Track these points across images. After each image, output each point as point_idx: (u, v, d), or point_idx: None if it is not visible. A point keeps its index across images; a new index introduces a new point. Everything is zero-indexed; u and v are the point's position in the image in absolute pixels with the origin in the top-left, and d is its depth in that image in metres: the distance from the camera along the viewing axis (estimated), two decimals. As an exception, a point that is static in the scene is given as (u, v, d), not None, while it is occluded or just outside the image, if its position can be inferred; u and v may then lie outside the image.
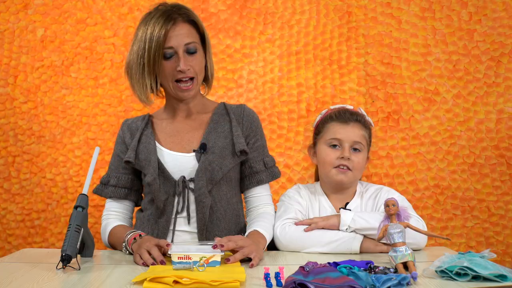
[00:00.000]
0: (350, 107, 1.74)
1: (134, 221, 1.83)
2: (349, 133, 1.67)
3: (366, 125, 1.70)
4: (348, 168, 1.66)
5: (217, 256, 1.36)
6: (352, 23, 2.43)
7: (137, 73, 1.65)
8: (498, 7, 2.40)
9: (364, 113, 1.73)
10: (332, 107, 1.77)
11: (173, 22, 1.62)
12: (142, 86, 1.66)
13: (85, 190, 1.47)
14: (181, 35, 1.63)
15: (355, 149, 1.67)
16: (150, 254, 1.42)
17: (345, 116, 1.69)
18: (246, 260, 1.44)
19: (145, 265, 1.42)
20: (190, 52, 1.64)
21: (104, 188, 1.75)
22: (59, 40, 2.43)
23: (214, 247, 1.40)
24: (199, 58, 1.67)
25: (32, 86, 2.43)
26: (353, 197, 1.71)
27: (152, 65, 1.62)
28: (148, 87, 1.66)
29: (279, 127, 2.42)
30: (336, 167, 1.67)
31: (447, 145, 2.40)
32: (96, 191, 1.76)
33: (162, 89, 1.74)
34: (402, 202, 1.63)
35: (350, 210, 1.62)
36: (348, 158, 1.65)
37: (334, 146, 1.68)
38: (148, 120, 1.76)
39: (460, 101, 2.40)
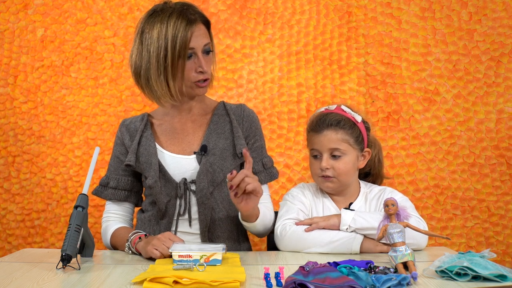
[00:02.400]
0: (332, 107, 1.70)
1: (134, 221, 1.83)
2: (323, 142, 1.65)
3: (345, 126, 1.65)
4: (332, 176, 1.65)
5: (218, 254, 1.36)
6: (352, 23, 2.43)
7: (159, 75, 1.60)
8: (498, 7, 2.40)
9: (347, 111, 1.68)
10: (318, 110, 1.75)
11: (195, 23, 1.60)
12: (162, 88, 1.62)
13: (85, 190, 1.47)
14: (200, 36, 1.62)
15: (334, 156, 1.65)
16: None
17: (317, 125, 1.67)
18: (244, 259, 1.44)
19: (162, 257, 1.44)
20: (207, 52, 1.64)
21: (104, 190, 1.74)
22: (59, 40, 2.43)
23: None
24: (212, 58, 1.68)
25: (32, 86, 2.43)
26: (357, 197, 1.70)
27: (176, 67, 1.59)
28: (172, 89, 1.62)
29: (279, 127, 2.42)
30: (320, 176, 1.67)
31: (447, 145, 2.40)
32: (96, 193, 1.75)
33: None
34: (405, 202, 1.62)
35: (353, 210, 1.62)
36: (327, 168, 1.64)
37: (315, 156, 1.68)
38: (147, 121, 1.75)
39: (460, 101, 2.40)
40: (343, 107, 1.69)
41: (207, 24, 1.67)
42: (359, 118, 1.68)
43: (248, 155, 1.47)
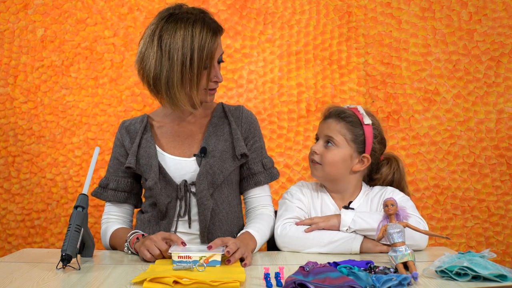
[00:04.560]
0: (352, 106, 1.71)
1: (134, 222, 1.83)
2: (324, 128, 1.68)
3: (348, 120, 1.66)
4: (318, 163, 1.67)
5: (217, 255, 1.36)
6: (352, 23, 2.43)
7: (184, 84, 1.58)
8: (498, 7, 2.40)
9: (360, 111, 1.69)
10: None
11: (219, 34, 1.60)
12: (185, 96, 1.60)
13: (85, 190, 1.47)
14: (218, 45, 1.62)
15: (328, 145, 1.67)
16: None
17: (326, 113, 1.71)
18: (241, 260, 1.44)
19: (152, 260, 1.44)
20: (220, 62, 1.65)
21: (103, 192, 1.74)
22: (59, 40, 2.43)
23: (209, 247, 1.41)
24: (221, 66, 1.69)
25: (32, 86, 2.43)
26: (357, 196, 1.70)
27: (200, 76, 1.58)
28: (195, 98, 1.60)
29: (279, 127, 2.42)
30: (310, 161, 1.70)
31: (447, 145, 2.40)
32: (95, 194, 1.75)
33: None
34: (406, 202, 1.62)
35: (353, 209, 1.62)
36: (315, 152, 1.67)
37: (317, 141, 1.71)
38: (147, 123, 1.75)
39: (460, 101, 2.40)
40: (359, 107, 1.70)
41: (221, 33, 1.67)
42: (367, 121, 1.67)
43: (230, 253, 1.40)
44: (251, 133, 1.75)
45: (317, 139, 1.71)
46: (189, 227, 1.66)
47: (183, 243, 1.44)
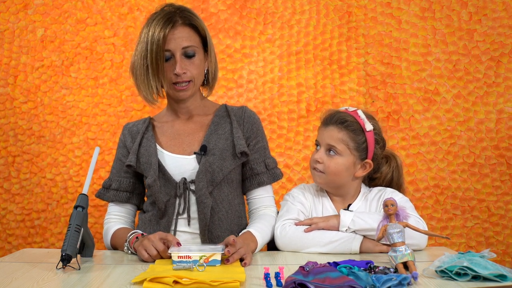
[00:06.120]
0: (352, 109, 1.69)
1: (136, 223, 1.83)
2: (325, 136, 1.66)
3: (350, 128, 1.64)
4: (321, 171, 1.65)
5: (217, 254, 1.36)
6: (352, 23, 2.43)
7: (142, 74, 1.66)
8: (498, 7, 2.40)
9: (361, 116, 1.66)
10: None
11: (172, 25, 1.63)
12: (148, 87, 1.67)
13: (85, 190, 1.47)
14: (179, 39, 1.64)
15: (330, 153, 1.65)
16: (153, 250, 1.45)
17: (326, 119, 1.68)
18: (241, 260, 1.44)
19: (150, 260, 1.44)
20: (188, 56, 1.65)
21: (106, 192, 1.75)
22: (59, 40, 2.43)
23: (233, 241, 1.41)
24: (198, 61, 1.67)
25: (32, 86, 2.43)
26: (356, 199, 1.70)
27: (155, 67, 1.63)
28: (154, 88, 1.67)
29: (279, 127, 2.42)
30: (313, 168, 1.68)
31: (447, 145, 2.40)
32: (98, 195, 1.76)
33: (163, 90, 1.74)
34: (405, 203, 1.62)
35: (352, 211, 1.62)
36: (318, 161, 1.65)
37: (317, 147, 1.69)
38: (149, 123, 1.76)
39: (460, 101, 2.40)
40: (359, 111, 1.67)
41: (194, 28, 1.68)
42: (369, 127, 1.65)
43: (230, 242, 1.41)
44: (253, 132, 1.75)
45: (317, 145, 1.70)
46: (188, 225, 1.66)
47: (178, 244, 1.44)
